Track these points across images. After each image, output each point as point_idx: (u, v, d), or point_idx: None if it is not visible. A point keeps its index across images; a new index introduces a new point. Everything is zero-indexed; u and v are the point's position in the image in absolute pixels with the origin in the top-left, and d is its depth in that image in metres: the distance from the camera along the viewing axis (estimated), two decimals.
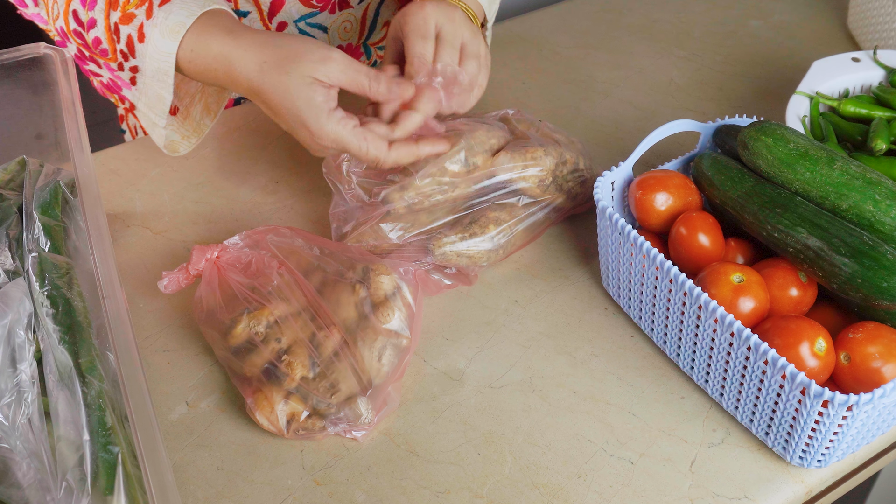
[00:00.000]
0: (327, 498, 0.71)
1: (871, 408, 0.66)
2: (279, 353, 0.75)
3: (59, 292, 0.71)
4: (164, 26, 0.79)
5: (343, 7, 1.02)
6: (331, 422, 0.73)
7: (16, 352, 0.66)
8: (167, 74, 0.81)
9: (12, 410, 0.63)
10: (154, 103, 0.84)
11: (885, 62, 1.00)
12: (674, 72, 1.17)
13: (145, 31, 0.80)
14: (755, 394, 0.72)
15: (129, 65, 0.83)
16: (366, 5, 1.04)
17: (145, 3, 0.80)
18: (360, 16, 1.04)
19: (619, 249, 0.80)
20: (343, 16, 1.03)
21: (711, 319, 0.72)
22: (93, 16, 0.82)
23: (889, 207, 0.73)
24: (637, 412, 0.77)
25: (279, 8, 0.99)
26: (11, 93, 0.84)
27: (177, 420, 0.76)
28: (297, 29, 1.02)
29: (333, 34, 1.04)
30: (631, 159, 0.85)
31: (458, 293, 0.88)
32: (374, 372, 0.75)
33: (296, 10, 1.00)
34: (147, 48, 0.80)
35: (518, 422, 0.77)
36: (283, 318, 0.77)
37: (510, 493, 0.72)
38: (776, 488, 0.72)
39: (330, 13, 1.02)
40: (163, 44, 0.80)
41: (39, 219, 0.75)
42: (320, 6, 1.00)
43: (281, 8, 0.99)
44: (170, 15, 0.79)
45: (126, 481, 0.61)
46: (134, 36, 0.81)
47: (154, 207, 0.96)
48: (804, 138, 0.79)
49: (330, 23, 1.03)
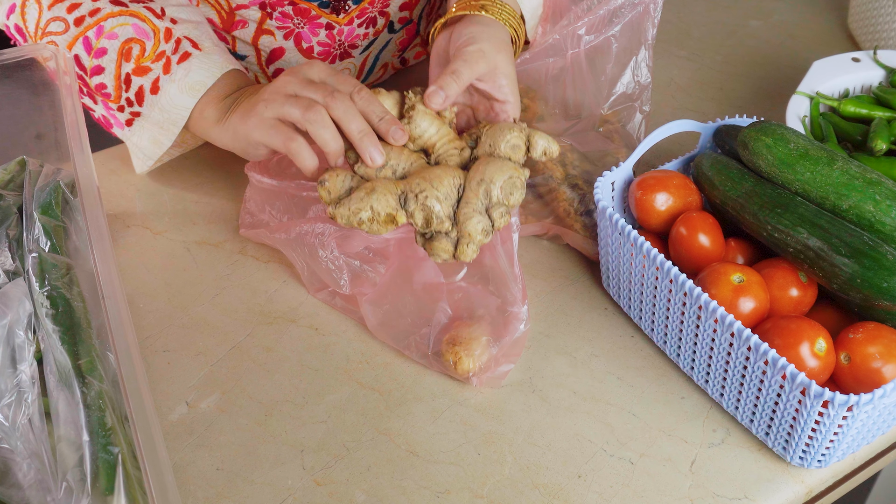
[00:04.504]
0: (327, 498, 0.71)
1: (871, 408, 0.66)
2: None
3: (59, 292, 0.71)
4: (184, 83, 0.84)
5: (344, 58, 1.02)
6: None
7: (16, 352, 0.66)
8: (176, 125, 0.86)
9: (12, 411, 0.63)
10: (147, 146, 0.90)
11: (885, 62, 1.00)
12: (674, 72, 1.17)
13: (160, 84, 0.84)
14: (755, 394, 0.72)
15: (131, 109, 0.87)
16: (366, 55, 1.03)
17: (162, 59, 0.84)
18: (360, 64, 1.04)
19: (620, 249, 0.80)
20: (342, 65, 1.02)
21: (712, 320, 0.72)
22: (100, 63, 0.85)
23: (889, 207, 0.73)
24: (637, 412, 0.77)
25: (278, 56, 0.99)
26: (11, 93, 0.84)
27: (177, 420, 0.76)
28: None
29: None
30: (631, 159, 0.85)
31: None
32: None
33: (295, 61, 1.00)
34: (160, 100, 0.85)
35: (518, 422, 0.77)
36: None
37: (510, 494, 0.72)
38: (776, 488, 0.72)
39: (330, 63, 1.02)
40: (180, 99, 0.84)
41: (39, 219, 0.75)
42: (321, 58, 1.00)
43: (281, 56, 0.99)
44: (189, 73, 0.84)
45: (126, 481, 0.61)
46: (146, 87, 0.85)
47: (154, 207, 0.96)
48: (804, 138, 0.79)
49: None
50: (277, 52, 0.99)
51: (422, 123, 0.78)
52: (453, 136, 0.80)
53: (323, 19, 0.96)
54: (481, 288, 0.82)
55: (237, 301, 0.86)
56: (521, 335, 0.79)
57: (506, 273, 0.79)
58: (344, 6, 0.95)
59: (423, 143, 0.79)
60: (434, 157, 0.79)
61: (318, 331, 0.84)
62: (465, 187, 0.75)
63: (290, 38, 0.97)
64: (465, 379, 0.78)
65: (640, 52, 0.93)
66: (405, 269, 0.82)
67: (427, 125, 0.78)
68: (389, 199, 0.73)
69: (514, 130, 0.78)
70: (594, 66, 0.93)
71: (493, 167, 0.75)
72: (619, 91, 0.94)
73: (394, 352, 0.82)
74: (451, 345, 0.78)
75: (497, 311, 0.80)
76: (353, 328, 0.84)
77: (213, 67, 0.84)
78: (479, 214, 0.74)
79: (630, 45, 0.93)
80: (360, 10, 0.97)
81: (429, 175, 0.75)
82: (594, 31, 0.91)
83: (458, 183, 0.75)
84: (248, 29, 0.96)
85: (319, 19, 0.96)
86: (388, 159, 0.77)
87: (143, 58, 0.84)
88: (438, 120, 0.79)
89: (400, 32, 1.04)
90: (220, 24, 0.96)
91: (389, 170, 0.77)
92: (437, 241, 0.74)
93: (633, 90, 0.95)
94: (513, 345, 0.79)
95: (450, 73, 0.78)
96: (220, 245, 0.92)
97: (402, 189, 0.75)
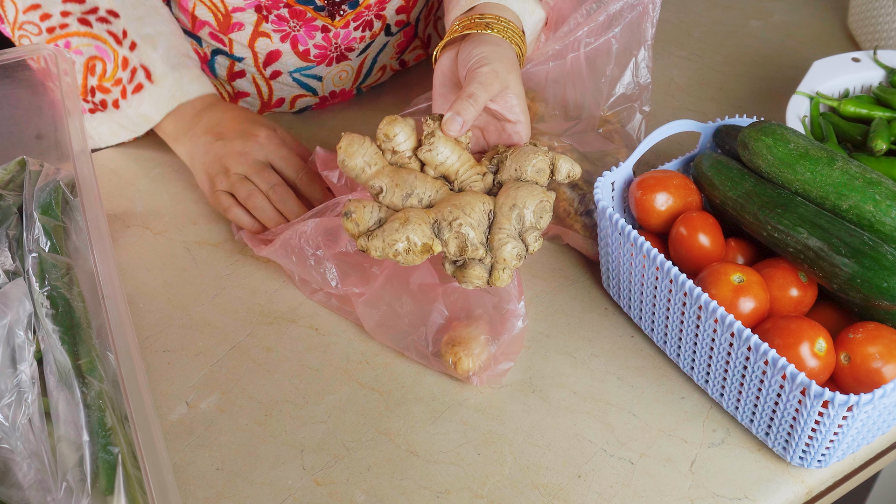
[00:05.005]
0: (327, 498, 0.71)
1: (871, 408, 0.66)
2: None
3: (58, 292, 0.71)
4: (138, 112, 0.93)
5: (341, 60, 1.02)
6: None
7: (16, 352, 0.66)
8: (136, 133, 0.96)
9: (12, 411, 0.63)
10: (105, 134, 0.96)
11: (885, 62, 1.00)
12: (674, 72, 1.17)
13: (120, 105, 0.93)
14: (755, 394, 0.72)
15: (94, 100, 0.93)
16: (363, 57, 1.03)
17: (120, 86, 0.92)
18: (357, 66, 1.04)
19: (620, 250, 0.80)
20: (339, 67, 1.02)
21: (712, 320, 0.72)
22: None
23: (889, 207, 0.73)
24: (637, 412, 0.77)
25: (275, 59, 0.99)
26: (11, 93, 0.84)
27: (177, 420, 0.76)
28: (292, 79, 1.02)
29: (328, 82, 1.04)
30: (631, 159, 0.85)
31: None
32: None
33: (292, 63, 1.00)
34: (122, 113, 0.94)
35: (518, 422, 0.77)
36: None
37: (510, 494, 0.72)
38: (776, 488, 0.72)
39: (327, 66, 1.02)
40: (139, 119, 0.94)
41: (39, 219, 0.75)
42: (317, 61, 1.00)
43: (277, 59, 0.99)
44: (142, 104, 0.93)
45: (126, 482, 0.61)
46: (109, 102, 0.93)
47: (154, 207, 0.96)
48: (804, 138, 0.79)
49: (325, 73, 1.03)
50: (274, 54, 0.99)
51: (444, 151, 0.76)
52: (473, 161, 0.78)
53: (319, 22, 0.96)
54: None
55: (237, 301, 0.86)
56: (520, 332, 0.79)
57: None
58: (339, 10, 0.95)
59: (445, 170, 0.77)
60: (457, 185, 0.78)
61: (318, 331, 0.84)
62: (495, 213, 0.75)
63: (286, 40, 0.97)
64: (465, 379, 0.78)
65: (639, 53, 0.93)
66: (400, 269, 0.82)
67: (449, 152, 0.76)
68: (425, 228, 0.73)
69: (538, 154, 0.76)
70: (594, 67, 0.93)
71: (524, 192, 0.74)
72: (619, 92, 0.94)
73: (394, 352, 0.82)
74: (450, 345, 0.78)
75: (494, 309, 0.80)
76: (352, 328, 0.84)
77: (160, 104, 0.93)
78: (513, 240, 0.73)
79: (629, 45, 0.93)
80: (355, 13, 0.97)
81: (459, 202, 0.74)
82: (594, 34, 0.91)
83: (488, 209, 0.75)
84: (244, 31, 0.96)
85: (315, 22, 0.96)
86: (413, 188, 0.75)
87: (105, 78, 0.91)
88: (458, 146, 0.77)
89: (397, 35, 1.04)
90: (216, 26, 0.96)
91: (416, 198, 0.75)
92: (470, 269, 0.74)
93: (632, 91, 0.95)
94: (511, 342, 0.79)
95: (466, 97, 0.76)
96: (220, 245, 0.92)
97: (434, 217, 0.74)
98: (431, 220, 0.74)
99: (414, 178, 0.76)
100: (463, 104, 0.75)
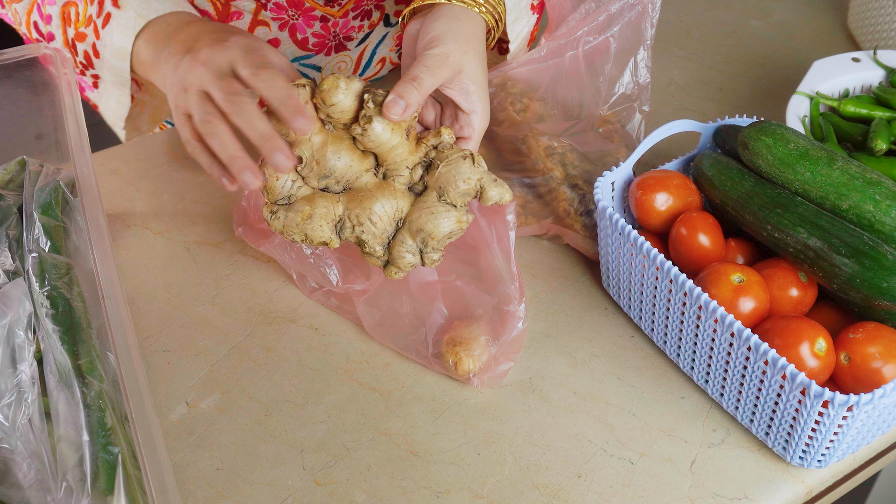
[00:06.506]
0: (327, 498, 0.71)
1: (871, 408, 0.66)
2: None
3: (58, 292, 0.71)
4: (112, 48, 0.82)
5: (339, 50, 1.01)
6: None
7: (16, 352, 0.66)
8: (125, 84, 0.85)
9: (12, 411, 0.63)
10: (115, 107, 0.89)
11: (885, 62, 1.00)
12: (674, 72, 1.17)
13: (98, 48, 0.83)
14: (755, 394, 0.72)
15: (90, 72, 0.86)
16: (362, 48, 1.03)
17: (91, 24, 0.83)
18: (357, 56, 1.04)
19: (620, 249, 0.80)
20: (338, 57, 1.02)
21: (712, 319, 0.72)
22: (51, 30, 0.85)
23: (889, 207, 0.73)
24: (637, 412, 0.77)
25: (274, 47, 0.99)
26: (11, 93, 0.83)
27: (177, 420, 0.76)
28: None
29: (326, 72, 1.04)
30: (631, 159, 0.85)
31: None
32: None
33: (290, 52, 1.00)
34: (104, 62, 0.84)
35: (518, 422, 0.77)
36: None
37: (510, 494, 0.72)
38: (776, 488, 0.72)
39: (326, 55, 1.02)
40: (117, 61, 0.83)
41: (39, 219, 0.75)
42: (315, 50, 1.00)
43: (276, 48, 0.99)
44: (113, 37, 0.82)
45: (126, 481, 0.61)
46: (90, 52, 0.84)
47: (154, 207, 0.96)
48: (804, 138, 0.79)
49: (324, 63, 1.03)
50: (273, 43, 0.99)
51: (381, 134, 0.72)
52: (410, 147, 0.75)
53: (317, 11, 0.96)
54: (475, 287, 0.82)
55: (237, 301, 0.86)
56: (520, 333, 0.79)
57: (502, 271, 0.79)
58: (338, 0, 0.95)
59: (377, 151, 0.74)
60: (382, 171, 0.75)
61: (317, 331, 0.84)
62: (405, 222, 0.75)
63: (284, 28, 0.97)
64: (465, 380, 0.78)
65: (638, 53, 0.93)
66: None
67: (385, 136, 0.73)
68: (325, 228, 0.73)
69: (469, 174, 0.73)
70: (593, 66, 0.93)
71: (436, 220, 0.73)
72: (619, 91, 0.94)
73: (394, 352, 0.82)
74: (451, 346, 0.78)
75: (494, 309, 0.80)
76: (352, 328, 0.84)
77: (127, 27, 0.81)
78: (411, 255, 0.75)
79: (629, 45, 0.93)
80: (354, 2, 0.97)
81: (370, 206, 0.73)
82: (593, 33, 0.91)
83: (399, 216, 0.75)
84: (243, 20, 0.96)
85: (314, 11, 0.96)
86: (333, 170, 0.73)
87: (79, 22, 0.82)
88: (398, 127, 0.73)
89: (397, 26, 1.04)
90: (215, 15, 0.96)
91: (333, 180, 0.73)
92: (367, 256, 0.76)
93: (632, 90, 0.95)
94: (511, 343, 0.79)
95: (410, 80, 0.71)
96: (220, 245, 0.92)
97: (339, 215, 0.74)
98: (336, 217, 0.74)
99: (338, 158, 0.73)
100: (406, 87, 0.70)
